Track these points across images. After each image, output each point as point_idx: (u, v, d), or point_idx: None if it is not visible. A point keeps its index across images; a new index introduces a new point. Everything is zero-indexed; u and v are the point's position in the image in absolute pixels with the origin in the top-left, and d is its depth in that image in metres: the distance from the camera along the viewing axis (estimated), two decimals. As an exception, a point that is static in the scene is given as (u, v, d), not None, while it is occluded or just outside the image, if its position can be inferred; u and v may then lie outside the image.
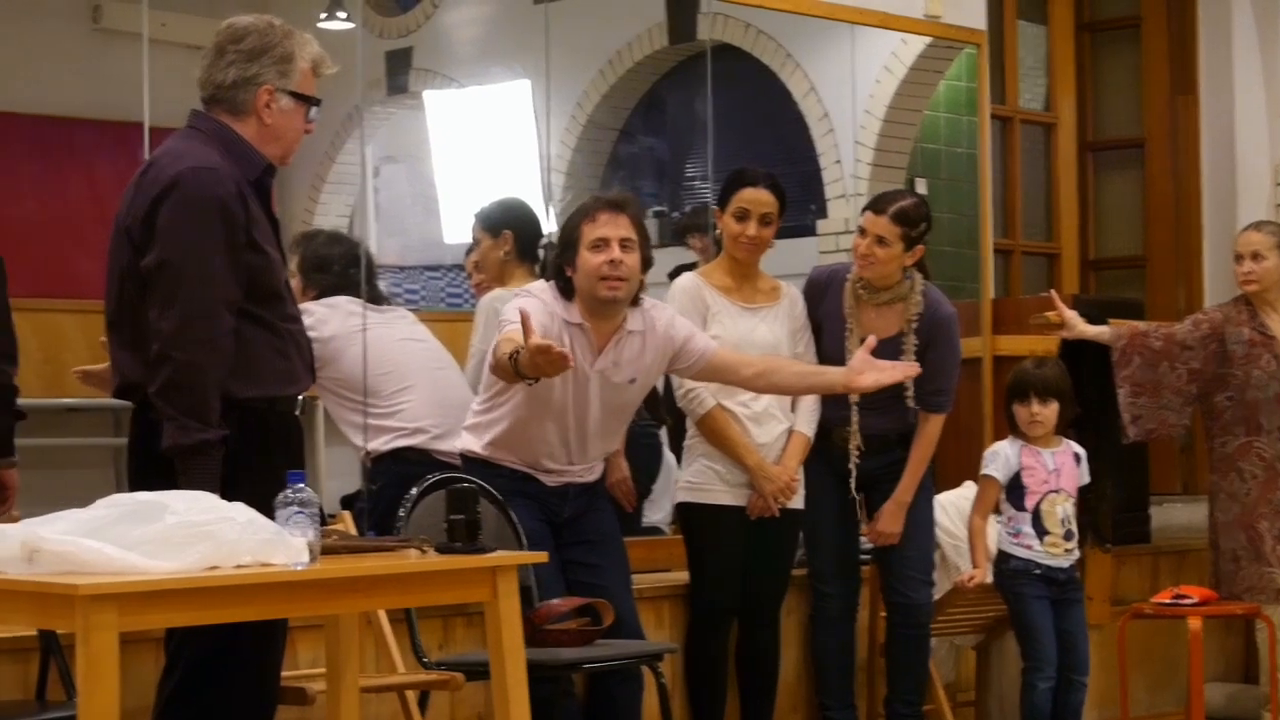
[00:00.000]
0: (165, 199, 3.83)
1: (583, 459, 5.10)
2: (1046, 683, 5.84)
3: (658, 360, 5.09)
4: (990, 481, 5.94)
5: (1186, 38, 8.57)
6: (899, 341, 5.67)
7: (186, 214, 3.82)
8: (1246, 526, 6.46)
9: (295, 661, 4.78)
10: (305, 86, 4.05)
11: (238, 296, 3.87)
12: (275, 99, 4.00)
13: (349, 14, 7.28)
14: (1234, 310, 6.54)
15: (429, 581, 3.87)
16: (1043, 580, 5.89)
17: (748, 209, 5.55)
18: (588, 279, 4.92)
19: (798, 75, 7.69)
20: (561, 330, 4.93)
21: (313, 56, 4.06)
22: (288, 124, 4.04)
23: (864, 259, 5.63)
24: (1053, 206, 8.51)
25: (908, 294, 5.70)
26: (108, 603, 3.26)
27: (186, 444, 3.76)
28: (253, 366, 3.90)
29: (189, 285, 3.80)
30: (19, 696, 4.44)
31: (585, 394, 5.00)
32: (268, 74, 3.99)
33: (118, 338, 3.97)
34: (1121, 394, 6.41)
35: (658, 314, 5.12)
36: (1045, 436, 5.95)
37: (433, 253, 8.47)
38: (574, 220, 5.04)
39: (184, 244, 3.81)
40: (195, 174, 3.84)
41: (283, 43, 4.02)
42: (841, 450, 5.72)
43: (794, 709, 6.08)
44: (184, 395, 3.77)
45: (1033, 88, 8.52)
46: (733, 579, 5.61)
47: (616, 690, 5.13)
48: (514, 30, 7.76)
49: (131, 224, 3.89)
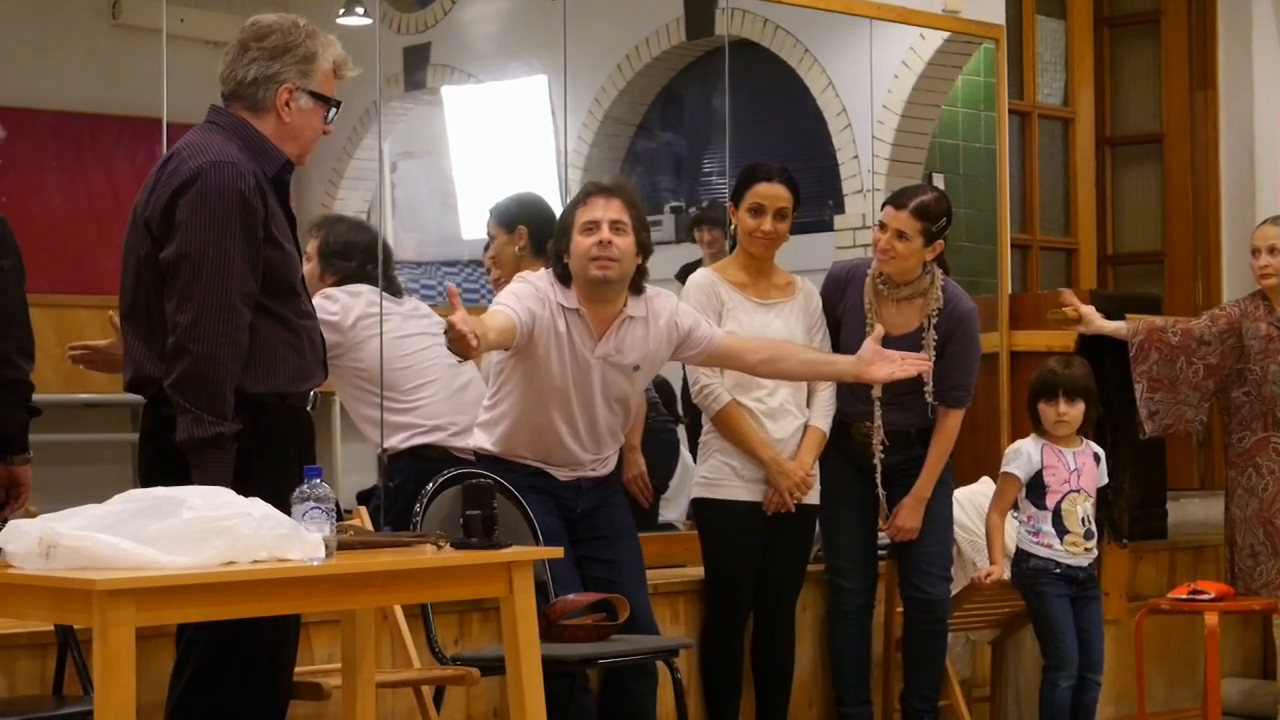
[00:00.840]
0: (185, 192, 3.84)
1: (595, 449, 5.11)
2: (1068, 681, 5.83)
3: (663, 347, 5.11)
4: (1011, 479, 5.93)
5: (1206, 32, 8.55)
6: (919, 336, 5.67)
7: (206, 208, 3.83)
8: (1265, 522, 6.46)
9: (311, 657, 4.80)
10: (325, 87, 4.06)
11: (254, 290, 3.88)
12: (295, 98, 4.01)
13: (367, 10, 7.28)
14: (1251, 305, 6.53)
15: (444, 577, 3.88)
16: (1063, 579, 5.87)
17: (762, 204, 5.55)
18: (579, 261, 4.95)
19: (815, 70, 7.68)
20: (555, 316, 4.95)
21: (335, 58, 4.07)
22: (306, 123, 4.05)
23: (884, 254, 5.63)
24: (1071, 201, 8.49)
25: (928, 289, 5.69)
26: (125, 598, 3.28)
27: (201, 437, 3.77)
28: (266, 361, 3.91)
29: (207, 278, 3.81)
30: (36, 691, 4.46)
31: (588, 381, 5.01)
32: (289, 73, 4.01)
33: (132, 329, 3.98)
34: (1139, 389, 6.40)
35: (661, 302, 5.13)
36: (1068, 436, 5.94)
37: (450, 248, 8.47)
38: (569, 207, 5.10)
39: (203, 237, 3.82)
40: (215, 168, 3.86)
41: (306, 42, 4.03)
42: (862, 445, 5.72)
43: (809, 704, 6.09)
44: (200, 388, 3.78)
45: (1051, 83, 8.50)
46: (748, 574, 5.62)
47: (631, 686, 5.14)
48: (532, 26, 7.76)
49: (150, 216, 3.90)
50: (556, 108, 7.15)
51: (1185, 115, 8.63)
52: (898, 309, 5.71)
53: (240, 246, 3.84)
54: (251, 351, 3.88)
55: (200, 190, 3.84)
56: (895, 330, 5.62)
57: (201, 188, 3.84)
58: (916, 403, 5.71)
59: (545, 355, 4.96)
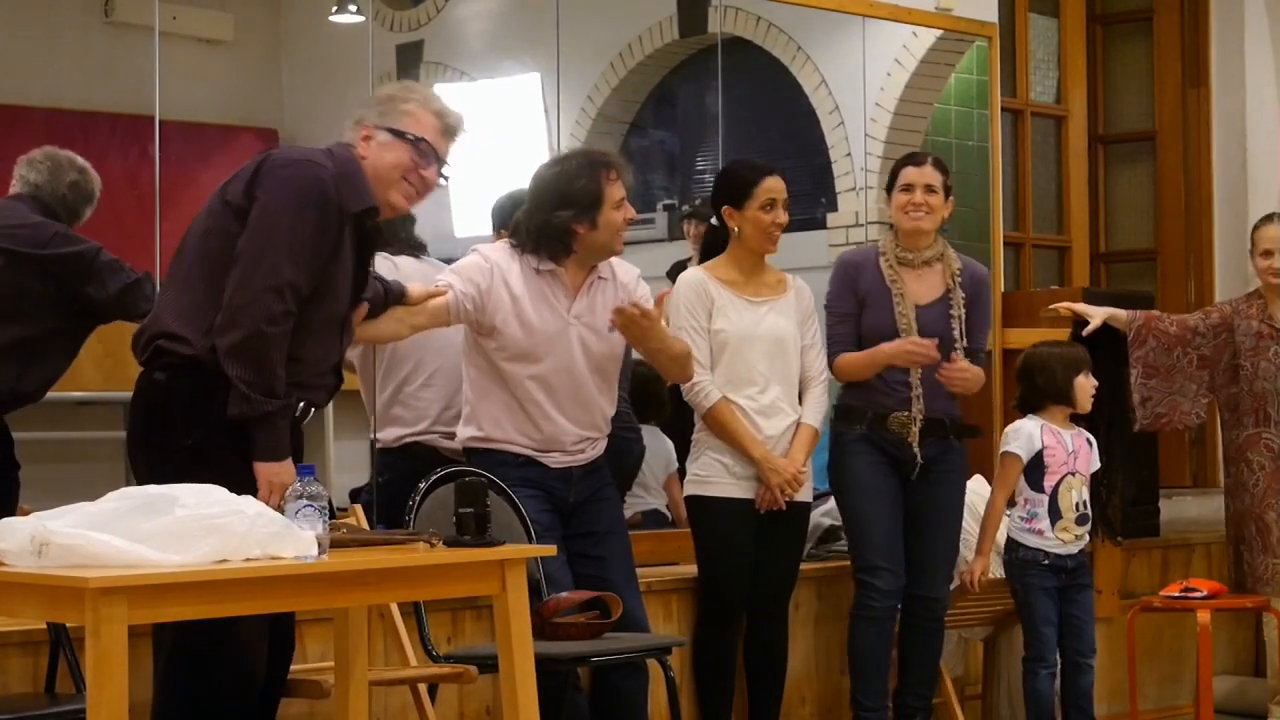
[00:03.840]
0: (276, 175, 3.96)
1: (586, 420, 5.10)
2: (1048, 669, 5.88)
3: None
4: (1013, 459, 5.92)
5: (1198, 30, 8.56)
6: (947, 301, 5.72)
7: (287, 193, 3.95)
8: (1256, 517, 6.49)
9: (304, 655, 4.79)
10: (413, 128, 4.15)
11: (307, 288, 3.96)
12: (374, 134, 4.14)
13: (359, 7, 7.28)
14: (1245, 304, 6.57)
15: (438, 575, 3.88)
16: (1050, 570, 5.89)
17: (774, 198, 5.58)
18: (610, 233, 5.02)
19: (808, 68, 7.67)
20: (513, 283, 4.98)
21: (436, 109, 4.20)
22: (381, 160, 4.13)
23: (918, 210, 5.70)
24: (1063, 199, 8.50)
25: (944, 252, 5.77)
26: (117, 596, 3.28)
27: (250, 415, 3.88)
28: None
29: (270, 260, 3.90)
30: (29, 689, 4.45)
31: (568, 344, 5.03)
32: (369, 114, 4.17)
33: (165, 284, 4.12)
34: (1134, 374, 6.45)
35: (622, 268, 5.20)
36: (1065, 420, 5.98)
37: (444, 246, 8.46)
38: (589, 179, 5.04)
39: (278, 221, 3.93)
40: (309, 166, 4.00)
41: (405, 96, 4.21)
42: (900, 436, 5.70)
43: (802, 702, 6.09)
44: (250, 363, 3.87)
45: (1044, 81, 8.51)
46: (741, 572, 5.62)
47: (622, 683, 5.13)
48: (524, 24, 7.75)
49: (230, 191, 4.00)
50: (549, 105, 7.15)
51: (1178, 113, 8.64)
52: (921, 278, 5.75)
53: (307, 239, 3.94)
54: None
55: (289, 176, 3.96)
56: (923, 299, 5.69)
57: (290, 175, 3.97)
58: (938, 385, 5.71)
59: (505, 324, 4.98)
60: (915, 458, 5.69)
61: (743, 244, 5.62)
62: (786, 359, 5.62)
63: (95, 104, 7.97)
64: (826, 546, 6.23)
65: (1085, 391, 5.96)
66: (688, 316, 5.53)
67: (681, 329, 5.51)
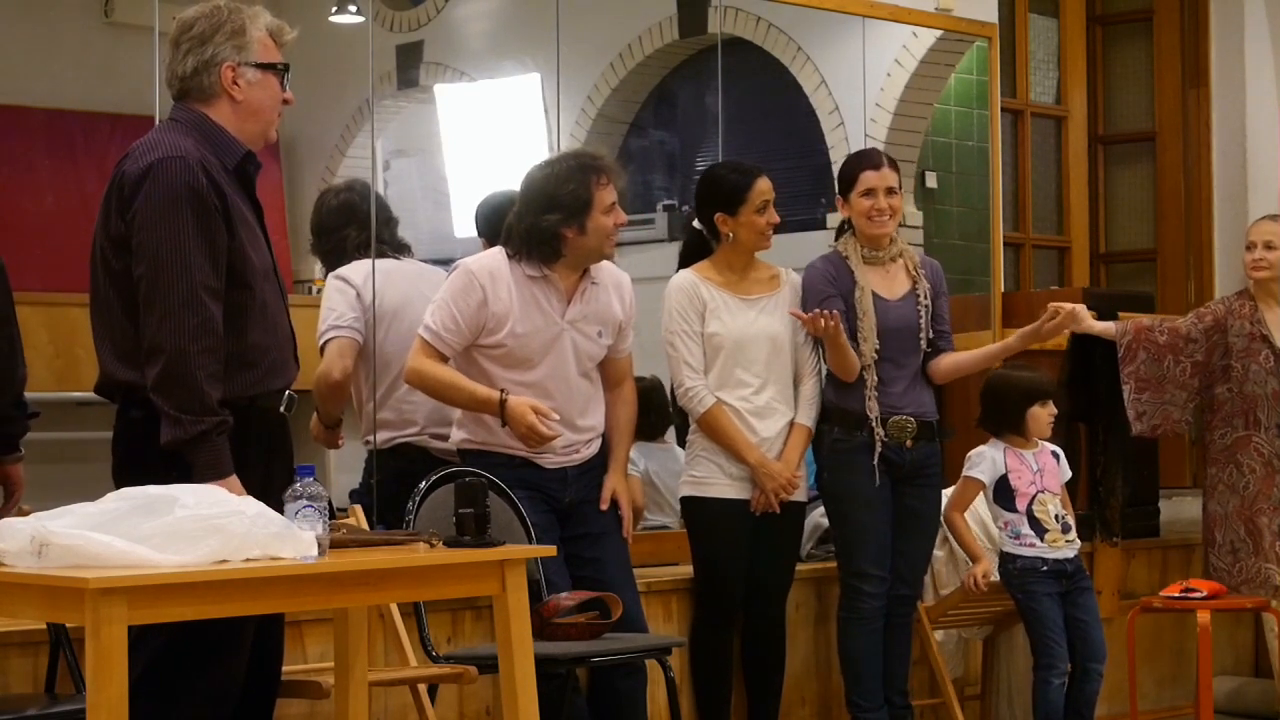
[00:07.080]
0: (137, 192, 3.84)
1: (580, 422, 5.11)
2: (1060, 679, 5.86)
3: (613, 319, 5.19)
4: (974, 483, 5.97)
5: (1198, 31, 8.56)
6: (915, 295, 5.73)
7: (157, 205, 3.82)
8: (1246, 520, 6.45)
9: (304, 655, 4.80)
10: (267, 55, 4.04)
11: (219, 283, 3.86)
12: (240, 73, 4.00)
13: (359, 8, 7.28)
14: (1237, 303, 6.54)
15: (437, 575, 3.88)
16: (1051, 575, 5.89)
17: (767, 199, 5.58)
18: (598, 237, 5.03)
19: (808, 69, 7.68)
20: (517, 287, 5.00)
21: (267, 25, 4.05)
22: (261, 95, 4.03)
23: (882, 214, 5.69)
24: (1063, 200, 8.50)
25: (902, 248, 5.80)
26: (117, 596, 3.27)
27: (183, 438, 3.78)
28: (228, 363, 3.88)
29: (167, 277, 3.80)
30: (28, 690, 4.46)
31: (562, 349, 5.04)
32: (224, 52, 3.99)
33: (96, 333, 3.99)
34: (1126, 391, 6.40)
35: (618, 274, 5.23)
36: (1025, 440, 5.99)
37: (443, 246, 8.47)
38: (580, 184, 5.05)
39: (157, 235, 3.81)
40: (163, 165, 3.84)
41: (231, 19, 4.01)
42: (899, 440, 5.70)
43: (801, 702, 6.09)
44: (175, 388, 3.78)
45: (1044, 81, 8.51)
46: (738, 572, 5.62)
47: (620, 683, 5.14)
48: (524, 24, 7.76)
49: (107, 217, 3.90)
50: (549, 106, 7.15)
51: (1177, 113, 8.64)
52: (887, 275, 5.76)
53: (195, 240, 3.82)
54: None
55: (150, 189, 3.83)
56: (893, 295, 5.69)
57: (151, 186, 3.83)
58: (920, 386, 5.74)
59: (497, 336, 5.01)
60: (909, 461, 5.70)
61: (736, 246, 5.61)
62: (781, 358, 5.62)
63: (95, 104, 7.97)
64: (826, 547, 6.23)
65: (1041, 421, 5.95)
66: (680, 320, 5.53)
67: (674, 333, 5.52)
